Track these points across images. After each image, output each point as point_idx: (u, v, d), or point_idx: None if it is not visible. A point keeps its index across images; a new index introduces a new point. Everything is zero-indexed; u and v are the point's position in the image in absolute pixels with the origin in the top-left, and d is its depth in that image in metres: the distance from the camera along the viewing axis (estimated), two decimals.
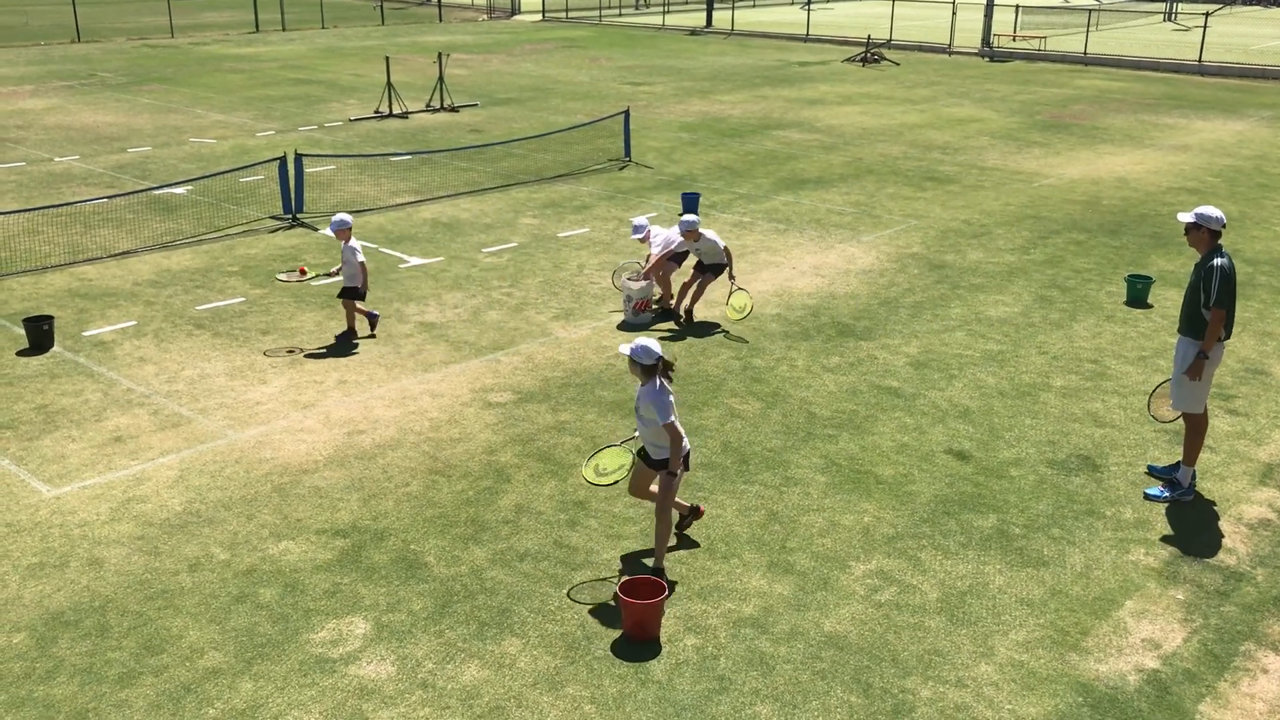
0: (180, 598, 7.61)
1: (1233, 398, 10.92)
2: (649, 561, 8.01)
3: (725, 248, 12.47)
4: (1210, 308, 8.53)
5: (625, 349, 7.57)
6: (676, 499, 7.89)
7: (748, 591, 7.72)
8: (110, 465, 9.40)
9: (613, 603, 7.54)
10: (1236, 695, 6.75)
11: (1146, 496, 8.93)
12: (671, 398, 7.50)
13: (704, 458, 9.60)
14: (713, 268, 12.68)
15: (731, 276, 12.59)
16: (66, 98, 28.39)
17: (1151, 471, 9.35)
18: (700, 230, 12.42)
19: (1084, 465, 9.54)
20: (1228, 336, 8.79)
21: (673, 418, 7.46)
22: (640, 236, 13.13)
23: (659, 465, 7.66)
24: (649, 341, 7.56)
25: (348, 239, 11.97)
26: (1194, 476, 9.03)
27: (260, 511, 8.70)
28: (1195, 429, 8.88)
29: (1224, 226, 8.60)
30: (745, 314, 12.68)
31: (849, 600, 7.63)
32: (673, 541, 8.20)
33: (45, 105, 27.22)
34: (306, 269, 13.02)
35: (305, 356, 11.69)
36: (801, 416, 10.42)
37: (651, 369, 7.50)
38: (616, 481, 7.79)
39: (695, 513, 8.42)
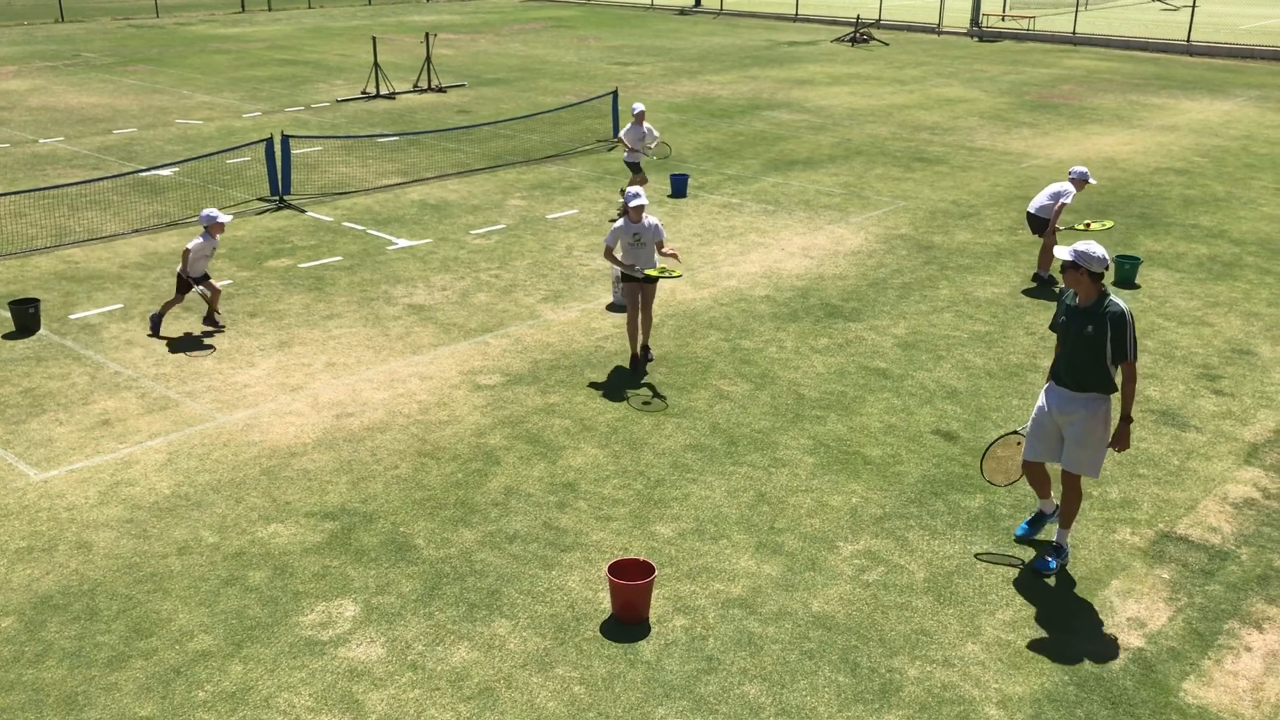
0: (169, 581, 7.61)
1: (1219, 378, 10.97)
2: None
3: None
4: (1129, 360, 7.31)
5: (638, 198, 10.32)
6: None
7: (736, 572, 7.75)
8: (98, 448, 9.38)
9: (604, 584, 7.57)
10: (1220, 673, 6.81)
11: (1037, 569, 7.76)
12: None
13: (693, 439, 9.62)
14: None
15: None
16: (50, 79, 28.18)
17: (1021, 538, 8.14)
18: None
19: None
20: (1116, 389, 7.54)
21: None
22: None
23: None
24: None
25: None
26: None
27: (249, 494, 8.70)
28: (1080, 491, 7.75)
29: (1107, 268, 7.32)
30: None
31: (837, 580, 7.67)
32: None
33: (29, 86, 27.01)
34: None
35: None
36: (790, 398, 10.44)
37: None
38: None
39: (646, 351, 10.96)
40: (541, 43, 36.36)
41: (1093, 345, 7.33)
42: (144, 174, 18.18)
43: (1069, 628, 7.20)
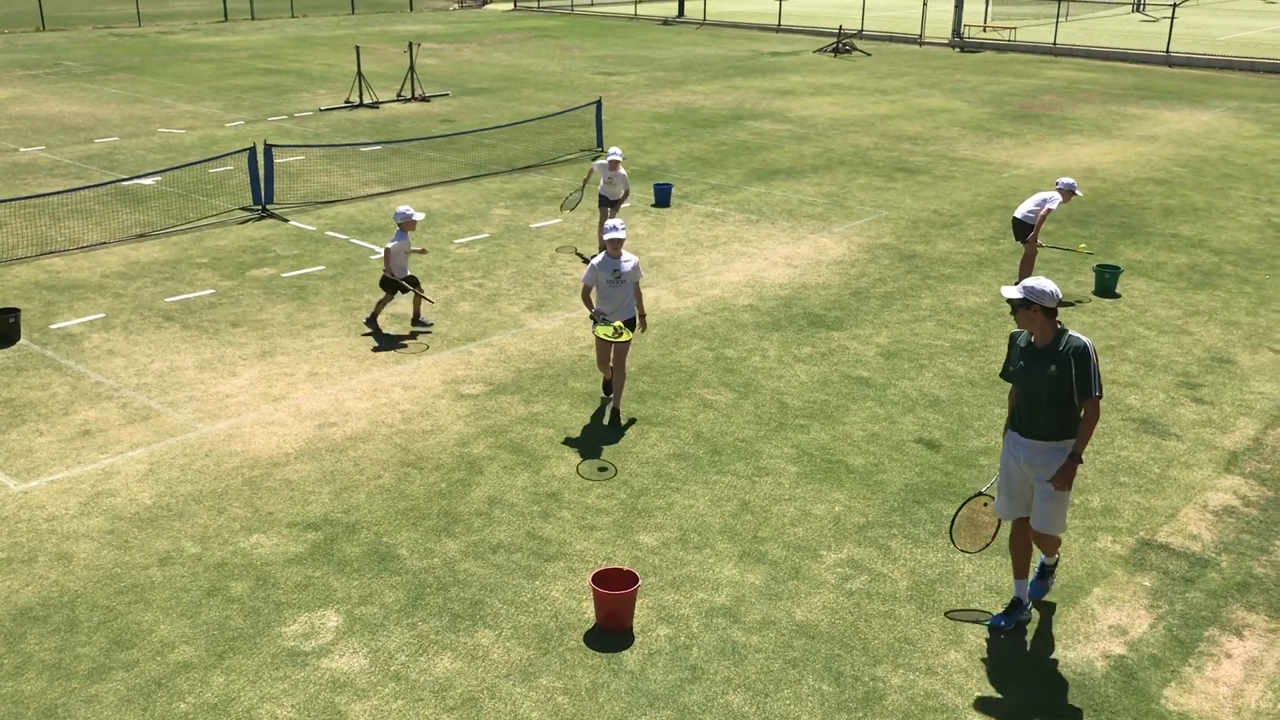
0: (150, 592, 7.57)
1: (1199, 386, 11.04)
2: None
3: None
4: (1094, 397, 6.78)
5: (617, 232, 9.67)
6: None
7: (720, 581, 7.76)
8: (79, 459, 9.33)
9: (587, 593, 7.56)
10: (1201, 680, 6.84)
11: (1033, 595, 7.41)
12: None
13: (676, 448, 9.63)
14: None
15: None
16: (31, 87, 28.05)
17: (996, 624, 7.34)
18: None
19: None
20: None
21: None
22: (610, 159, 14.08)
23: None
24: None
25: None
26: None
27: (231, 505, 8.66)
28: (1055, 544, 7.32)
29: (1060, 302, 6.82)
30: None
31: (820, 589, 7.69)
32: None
33: (9, 95, 26.89)
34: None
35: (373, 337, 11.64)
36: (773, 407, 10.46)
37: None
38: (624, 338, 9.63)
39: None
40: (525, 52, 36.39)
41: (1058, 386, 6.78)
42: (126, 183, 18.11)
43: (1051, 635, 7.23)
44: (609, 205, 14.54)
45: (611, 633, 7.17)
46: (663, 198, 17.43)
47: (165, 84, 28.81)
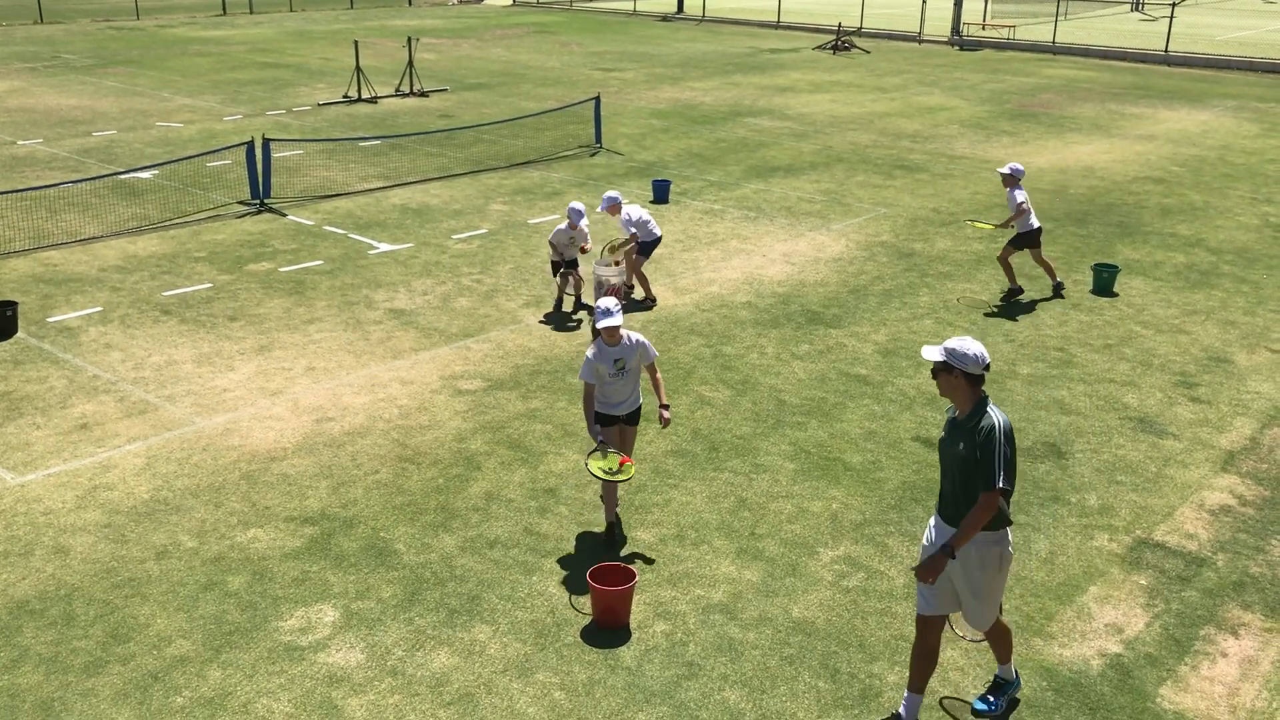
0: (147, 586, 7.56)
1: (1196, 385, 11.05)
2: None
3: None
4: (991, 490, 5.77)
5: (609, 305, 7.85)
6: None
7: (717, 578, 7.77)
8: (76, 453, 9.32)
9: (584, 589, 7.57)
10: (1196, 679, 6.86)
11: (976, 711, 6.54)
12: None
13: (674, 444, 9.63)
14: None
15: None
16: (29, 80, 28.00)
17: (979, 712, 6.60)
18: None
19: (1049, 452, 9.64)
20: (1009, 522, 6.05)
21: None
22: (607, 207, 12.76)
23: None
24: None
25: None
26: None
27: (228, 499, 8.66)
28: (1001, 631, 6.48)
29: (987, 368, 5.89)
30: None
31: (817, 586, 7.69)
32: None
33: (7, 87, 26.84)
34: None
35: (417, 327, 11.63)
36: (771, 404, 10.47)
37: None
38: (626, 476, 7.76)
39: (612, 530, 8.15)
40: (524, 48, 36.36)
41: (966, 467, 5.87)
42: (123, 176, 18.09)
43: (1047, 634, 7.24)
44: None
45: (608, 629, 7.17)
46: (661, 194, 17.43)
47: (163, 77, 28.77)
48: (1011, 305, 13.20)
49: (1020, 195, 12.91)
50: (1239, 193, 18.83)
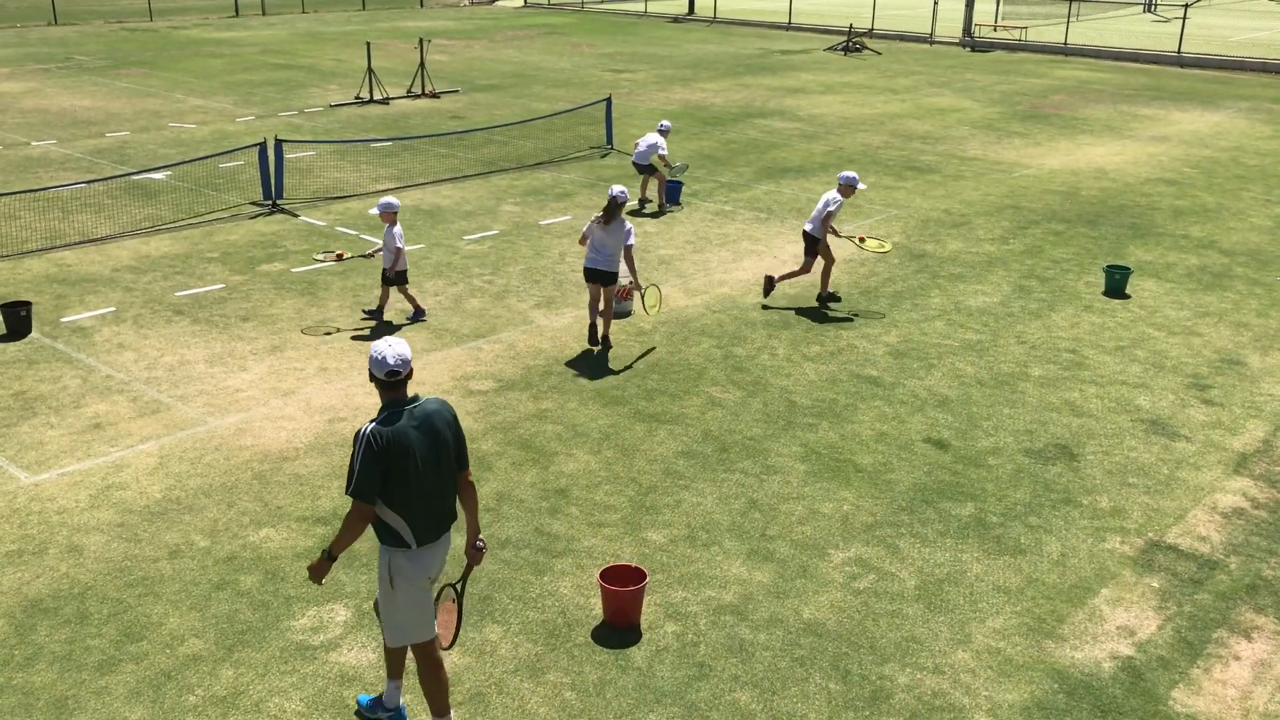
0: (160, 585, 7.60)
1: (1208, 387, 11.02)
2: None
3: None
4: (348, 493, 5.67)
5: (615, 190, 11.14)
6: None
7: (728, 579, 7.77)
8: (89, 452, 9.36)
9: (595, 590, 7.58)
10: (1209, 681, 6.84)
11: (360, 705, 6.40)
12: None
13: (685, 446, 9.64)
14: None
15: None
16: (43, 81, 28.14)
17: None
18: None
19: (1061, 454, 9.62)
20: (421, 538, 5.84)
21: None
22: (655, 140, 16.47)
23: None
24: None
25: (393, 222, 11.94)
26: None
27: (241, 499, 8.69)
28: (407, 658, 6.27)
29: (389, 373, 5.58)
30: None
31: (828, 588, 7.69)
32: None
33: (22, 89, 26.97)
34: (344, 254, 13.20)
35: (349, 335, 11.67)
36: (782, 405, 10.47)
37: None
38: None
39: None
40: (535, 49, 36.41)
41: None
42: (136, 177, 18.16)
43: (1059, 636, 7.23)
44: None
45: (619, 629, 7.18)
46: (673, 195, 17.43)
47: (176, 79, 28.88)
48: (1023, 309, 13.18)
49: None
50: (1252, 194, 18.76)
